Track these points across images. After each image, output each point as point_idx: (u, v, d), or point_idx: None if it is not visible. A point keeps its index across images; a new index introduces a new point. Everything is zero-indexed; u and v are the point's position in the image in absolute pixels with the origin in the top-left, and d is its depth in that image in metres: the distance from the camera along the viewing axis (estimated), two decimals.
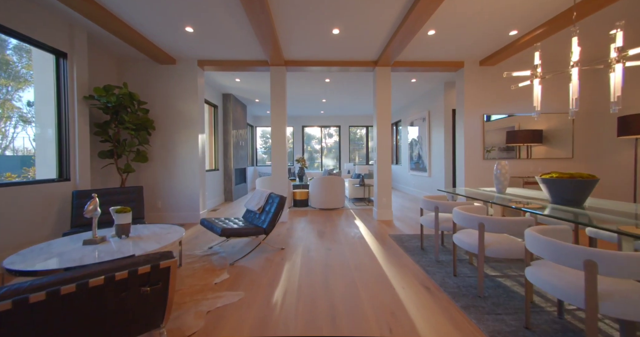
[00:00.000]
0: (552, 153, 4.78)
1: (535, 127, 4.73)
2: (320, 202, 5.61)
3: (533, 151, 4.81)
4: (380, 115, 4.64)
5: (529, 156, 4.81)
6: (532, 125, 4.74)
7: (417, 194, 7.38)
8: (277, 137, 4.59)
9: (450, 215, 2.92)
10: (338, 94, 6.91)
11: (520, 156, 4.80)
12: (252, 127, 10.10)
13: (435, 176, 6.41)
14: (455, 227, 2.42)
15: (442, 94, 5.97)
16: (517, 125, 4.79)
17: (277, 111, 4.57)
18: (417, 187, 7.47)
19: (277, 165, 4.58)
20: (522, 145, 4.79)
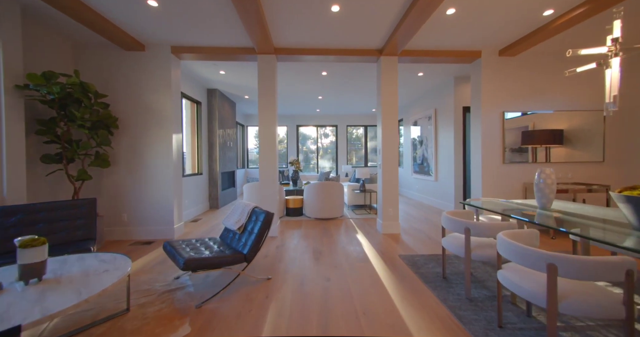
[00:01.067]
0: (574, 156, 4.20)
1: (555, 127, 4.14)
2: (316, 210, 4.97)
3: (551, 153, 4.23)
4: (385, 113, 4.01)
5: (548, 159, 4.22)
6: (549, 125, 4.15)
7: (422, 200, 6.78)
8: (266, 136, 3.93)
9: (487, 240, 2.29)
10: (336, 89, 6.27)
11: (537, 159, 4.19)
12: (242, 126, 9.41)
13: (442, 181, 5.81)
14: (499, 260, 1.79)
15: (452, 89, 5.37)
16: (532, 125, 4.20)
17: (266, 107, 3.91)
18: (421, 192, 6.87)
19: (266, 169, 3.92)
20: (540, 147, 4.20)
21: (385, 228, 4.00)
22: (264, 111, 3.91)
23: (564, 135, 4.18)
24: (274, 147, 3.94)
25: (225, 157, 6.61)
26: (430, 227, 4.33)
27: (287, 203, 5.24)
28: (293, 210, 5.21)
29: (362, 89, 6.24)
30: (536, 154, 4.21)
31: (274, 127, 3.93)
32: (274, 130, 3.93)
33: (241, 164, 9.35)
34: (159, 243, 3.61)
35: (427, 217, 5.06)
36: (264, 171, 3.92)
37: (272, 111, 3.92)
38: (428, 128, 6.43)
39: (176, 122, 3.92)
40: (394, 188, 4.01)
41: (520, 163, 4.13)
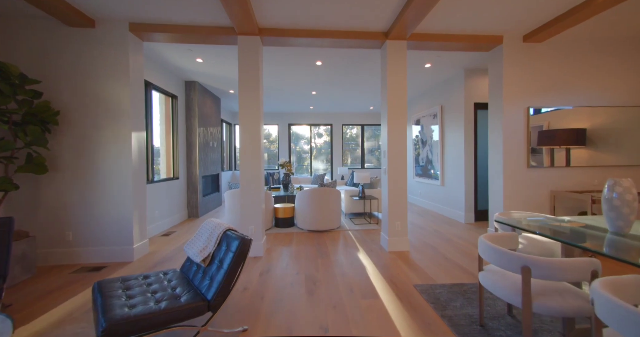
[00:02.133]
0: (599, 159, 3.63)
1: (574, 126, 3.57)
2: (309, 221, 4.30)
3: (572, 156, 3.65)
4: (392, 109, 3.37)
5: (568, 162, 3.65)
6: (567, 123, 3.58)
7: (426, 206, 6.19)
8: (249, 136, 3.24)
9: (554, 284, 1.65)
10: (332, 84, 5.61)
11: (554, 163, 3.60)
12: (229, 124, 8.66)
13: (450, 186, 5.23)
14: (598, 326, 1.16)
15: (462, 83, 4.78)
16: (547, 124, 3.62)
17: (248, 101, 3.22)
18: (425, 198, 6.27)
19: (249, 173, 3.23)
20: (559, 149, 3.62)
21: (392, 245, 3.37)
22: (246, 106, 3.22)
23: (586, 135, 3.63)
24: (258, 148, 3.26)
25: (208, 159, 5.87)
26: (443, 242, 3.72)
27: (276, 212, 4.55)
28: (283, 220, 4.53)
29: (361, 84, 5.60)
30: (553, 156, 3.63)
31: (258, 125, 3.25)
32: (258, 128, 3.25)
33: (228, 165, 8.61)
34: (114, 268, 2.88)
35: (437, 228, 4.46)
36: (246, 177, 3.23)
37: (256, 106, 3.23)
38: (432, 127, 5.84)
39: (137, 117, 3.20)
40: (402, 198, 3.38)
41: (548, 168, 3.56)
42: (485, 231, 4.16)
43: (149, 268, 2.91)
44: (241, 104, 3.21)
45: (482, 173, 4.83)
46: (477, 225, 4.60)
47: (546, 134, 3.55)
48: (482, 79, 4.75)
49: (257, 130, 3.24)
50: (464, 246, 3.51)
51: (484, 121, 4.82)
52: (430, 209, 5.96)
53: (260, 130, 3.28)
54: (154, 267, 2.93)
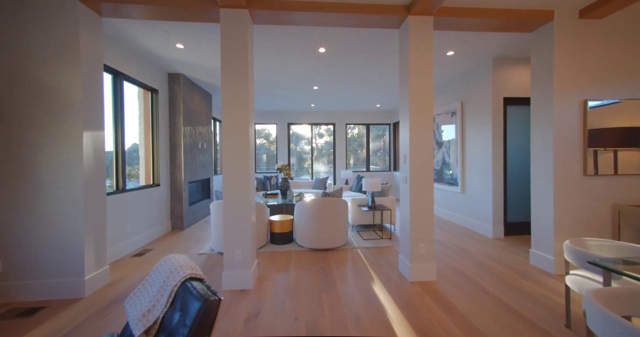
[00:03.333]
0: None
1: (618, 124, 2.86)
2: (311, 238, 3.61)
3: (619, 160, 2.92)
4: (415, 103, 2.68)
5: (615, 169, 2.91)
6: (610, 122, 2.86)
7: (443, 215, 5.48)
8: (234, 135, 2.56)
9: None
10: (336, 76, 4.93)
11: (599, 170, 2.87)
12: None
13: (472, 194, 4.53)
14: None
15: (489, 75, 4.08)
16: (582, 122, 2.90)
17: (233, 92, 2.54)
18: (441, 206, 5.57)
19: (234, 183, 2.55)
20: (604, 151, 2.89)
21: (415, 273, 2.67)
22: (231, 99, 2.54)
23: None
24: (245, 152, 2.57)
25: (195, 162, 5.19)
26: (475, 267, 3.03)
27: (272, 226, 3.86)
28: (280, 236, 3.84)
29: (369, 77, 4.91)
30: (597, 160, 2.91)
31: (246, 123, 2.56)
32: (246, 127, 2.56)
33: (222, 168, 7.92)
34: (56, 309, 2.20)
35: (461, 245, 3.76)
36: (230, 187, 2.54)
37: (244, 100, 2.55)
38: (449, 126, 5.15)
39: (93, 113, 2.51)
40: (427, 214, 2.69)
41: (612, 176, 2.86)
42: (523, 251, 3.47)
43: (102, 307, 2.23)
44: (224, 97, 2.53)
45: (512, 180, 4.14)
46: (509, 241, 3.91)
47: (595, 134, 2.85)
48: (514, 70, 4.06)
49: (245, 130, 2.55)
50: (505, 274, 2.82)
51: (515, 119, 4.13)
52: (448, 220, 5.26)
53: (250, 129, 2.59)
54: (109, 306, 2.24)
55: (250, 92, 2.61)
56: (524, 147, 4.14)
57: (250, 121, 2.60)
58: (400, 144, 2.93)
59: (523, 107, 4.12)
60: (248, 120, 2.56)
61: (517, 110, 4.13)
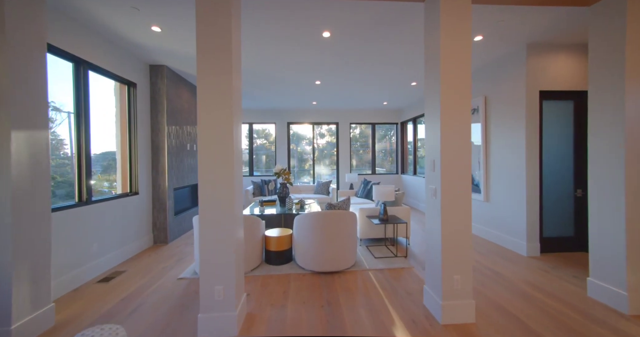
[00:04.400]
0: None
1: None
2: (314, 259, 3.02)
3: None
4: (449, 92, 2.09)
5: None
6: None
7: None
8: (214, 135, 1.97)
9: None
10: (341, 67, 4.33)
11: None
12: None
13: (498, 203, 3.92)
14: None
15: (523, 64, 3.47)
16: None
17: (210, 82, 1.95)
18: None
19: (213, 196, 1.96)
20: None
21: (449, 314, 2.07)
22: (209, 93, 1.94)
23: None
24: (229, 158, 1.98)
25: (183, 166, 4.61)
26: (520, 300, 2.42)
27: (267, 243, 3.27)
28: (276, 255, 3.24)
29: (380, 68, 4.31)
30: None
31: (229, 123, 1.96)
32: (229, 128, 1.96)
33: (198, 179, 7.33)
34: None
35: (493, 267, 3.15)
36: (209, 203, 1.95)
37: (226, 93, 1.95)
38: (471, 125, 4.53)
39: (29, 107, 1.93)
40: (464, 238, 2.09)
41: None
42: (570, 276, 2.86)
43: None
44: (200, 92, 1.94)
45: (549, 188, 3.53)
46: (548, 261, 3.29)
47: None
48: (552, 58, 3.44)
49: (228, 132, 1.96)
50: (562, 313, 2.21)
51: (552, 117, 3.52)
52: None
53: (234, 130, 2.00)
54: None
55: (236, 87, 2.02)
56: (562, 150, 3.53)
57: (235, 121, 2.00)
58: (427, 147, 2.33)
59: (562, 102, 3.51)
60: (232, 119, 1.96)
61: (556, 106, 3.52)
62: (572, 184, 3.54)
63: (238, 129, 2.08)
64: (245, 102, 6.73)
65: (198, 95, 1.93)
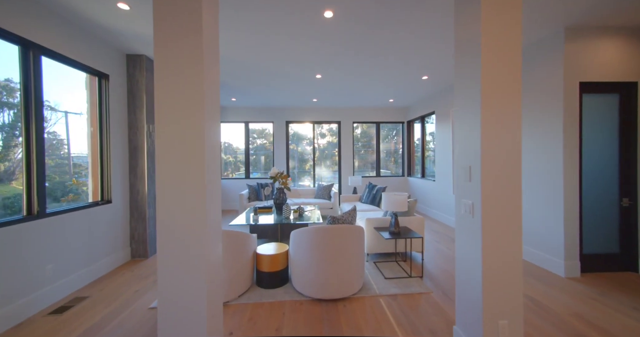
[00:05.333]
0: None
1: None
2: (314, 282, 2.51)
3: None
4: (492, 74, 1.58)
5: None
6: None
7: None
8: (177, 134, 1.46)
9: None
10: (345, 57, 3.82)
11: None
12: None
13: (528, 212, 3.39)
14: None
15: (560, 52, 2.95)
16: None
17: (169, 70, 1.44)
18: None
19: (175, 202, 1.45)
20: None
21: None
22: (168, 85, 1.44)
23: None
24: (199, 164, 1.47)
25: None
26: None
27: (259, 262, 2.76)
28: (270, 276, 2.73)
29: (389, 58, 3.79)
30: None
31: (198, 121, 1.45)
32: (199, 127, 1.46)
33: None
34: None
35: (530, 292, 2.63)
36: (171, 219, 1.45)
37: (194, 87, 1.45)
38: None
39: None
40: (513, 273, 1.58)
41: None
42: (629, 308, 2.34)
43: None
44: (157, 78, 1.43)
45: (589, 196, 3.01)
46: (592, 284, 2.77)
47: None
48: (595, 44, 2.93)
49: (198, 131, 1.45)
50: None
51: (593, 113, 3.00)
52: None
53: (206, 129, 1.49)
54: None
55: (209, 78, 1.52)
56: (605, 153, 3.01)
57: (207, 117, 1.50)
58: (458, 150, 1.81)
59: (607, 95, 2.99)
60: (202, 116, 1.45)
61: (598, 100, 3.00)
62: (617, 192, 3.02)
63: (212, 125, 1.57)
64: (240, 100, 6.23)
65: (156, 74, 1.43)
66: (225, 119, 7.11)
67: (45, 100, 2.65)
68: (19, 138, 2.38)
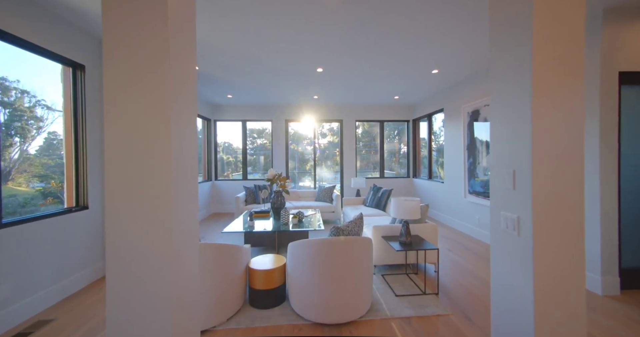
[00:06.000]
0: None
1: None
2: (315, 304, 2.15)
3: None
4: (547, 52, 1.21)
5: None
6: None
7: None
8: (125, 134, 1.10)
9: None
10: (347, 49, 3.46)
11: None
12: (207, 120, 6.56)
13: None
14: None
15: (597, 37, 2.58)
16: None
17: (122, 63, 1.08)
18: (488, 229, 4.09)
19: (130, 224, 1.09)
20: None
21: None
22: (121, 74, 1.08)
23: None
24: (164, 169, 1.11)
25: None
26: None
27: (252, 279, 2.40)
28: (265, 295, 2.37)
29: (396, 49, 3.43)
30: None
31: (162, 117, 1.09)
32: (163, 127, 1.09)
33: (206, 174, 6.52)
34: None
35: None
36: (120, 242, 1.08)
37: (157, 78, 1.08)
38: None
39: None
40: (575, 304, 1.21)
41: None
42: None
43: None
44: (108, 68, 1.08)
45: (629, 203, 2.64)
46: (634, 303, 2.41)
47: None
48: (637, 28, 2.56)
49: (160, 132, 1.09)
50: None
51: (634, 107, 2.63)
52: None
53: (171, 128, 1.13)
54: None
55: (180, 70, 1.16)
56: None
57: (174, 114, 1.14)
58: (495, 149, 1.46)
59: None
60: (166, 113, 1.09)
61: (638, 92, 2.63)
62: None
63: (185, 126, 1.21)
64: (237, 97, 5.88)
65: (105, 65, 1.07)
66: (221, 117, 6.76)
67: (42, 99, 2.72)
68: None
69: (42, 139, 2.92)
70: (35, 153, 2.86)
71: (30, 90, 2.68)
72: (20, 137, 2.71)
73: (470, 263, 3.39)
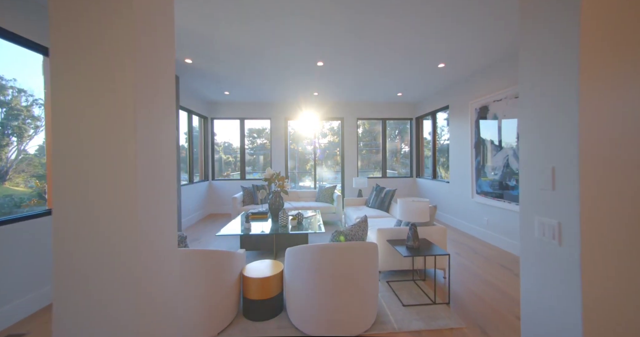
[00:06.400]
0: None
1: None
2: (315, 317, 1.94)
3: None
4: (599, 29, 0.99)
5: None
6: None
7: (503, 246, 3.78)
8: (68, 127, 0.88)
9: None
10: (349, 42, 3.25)
11: None
12: (204, 118, 6.34)
13: None
14: None
15: None
16: None
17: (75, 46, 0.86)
18: (499, 232, 3.89)
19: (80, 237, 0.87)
20: None
21: None
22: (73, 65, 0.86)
23: None
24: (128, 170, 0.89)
25: None
26: None
27: (246, 287, 2.19)
28: (260, 305, 2.16)
29: (401, 42, 3.21)
30: None
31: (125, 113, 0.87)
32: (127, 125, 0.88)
33: (202, 174, 6.31)
34: None
35: None
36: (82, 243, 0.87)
37: (123, 70, 0.86)
38: (510, 116, 3.44)
39: None
40: (635, 332, 1.00)
41: None
42: None
43: None
44: (55, 56, 0.86)
45: None
46: None
47: None
48: None
49: (121, 129, 0.88)
50: None
51: None
52: (515, 254, 3.56)
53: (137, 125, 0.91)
54: None
55: (151, 62, 0.94)
56: None
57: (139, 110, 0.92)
58: (524, 145, 1.24)
59: None
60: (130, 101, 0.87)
61: None
62: None
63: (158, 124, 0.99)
64: (234, 94, 5.66)
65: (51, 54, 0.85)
66: (218, 115, 6.54)
67: (39, 98, 2.67)
68: None
69: (41, 139, 2.82)
70: (35, 153, 2.79)
71: (27, 89, 2.63)
72: (17, 136, 2.68)
73: (479, 267, 3.18)
